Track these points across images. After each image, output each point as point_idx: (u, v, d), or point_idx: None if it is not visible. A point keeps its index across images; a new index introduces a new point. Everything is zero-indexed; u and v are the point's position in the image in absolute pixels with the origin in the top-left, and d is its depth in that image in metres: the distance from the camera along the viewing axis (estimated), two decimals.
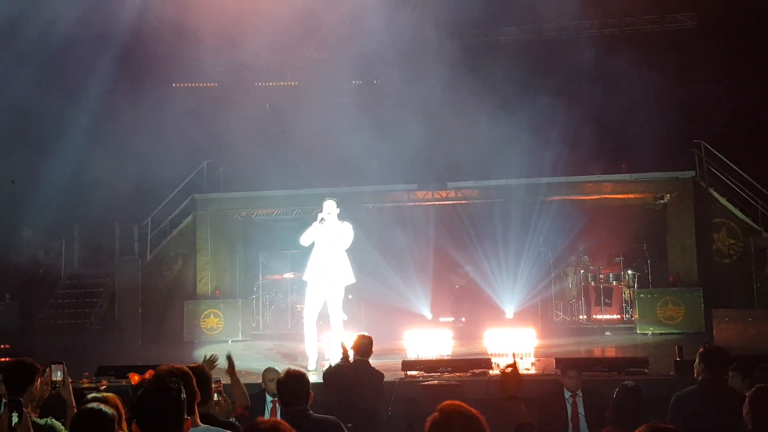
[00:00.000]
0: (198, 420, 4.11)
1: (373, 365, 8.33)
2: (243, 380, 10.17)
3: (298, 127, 17.90)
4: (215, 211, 18.48)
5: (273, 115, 19.57)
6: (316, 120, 16.85)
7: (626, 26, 19.61)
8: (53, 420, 4.70)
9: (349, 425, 6.14)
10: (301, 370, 5.54)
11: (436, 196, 18.24)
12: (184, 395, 3.44)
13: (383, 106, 17.12)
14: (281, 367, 6.20)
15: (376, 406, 8.05)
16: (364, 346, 8.30)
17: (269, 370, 8.17)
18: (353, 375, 8.05)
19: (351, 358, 8.20)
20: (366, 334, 8.52)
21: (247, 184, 18.33)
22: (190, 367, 4.29)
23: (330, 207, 11.06)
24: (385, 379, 8.32)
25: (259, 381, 8.40)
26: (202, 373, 4.58)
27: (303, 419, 5.08)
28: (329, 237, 11.02)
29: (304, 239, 11.03)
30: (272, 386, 7.88)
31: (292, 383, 5.36)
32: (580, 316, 17.84)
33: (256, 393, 8.31)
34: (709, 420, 5.64)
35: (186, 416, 3.43)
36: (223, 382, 6.57)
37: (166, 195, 18.42)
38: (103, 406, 3.80)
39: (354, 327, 12.36)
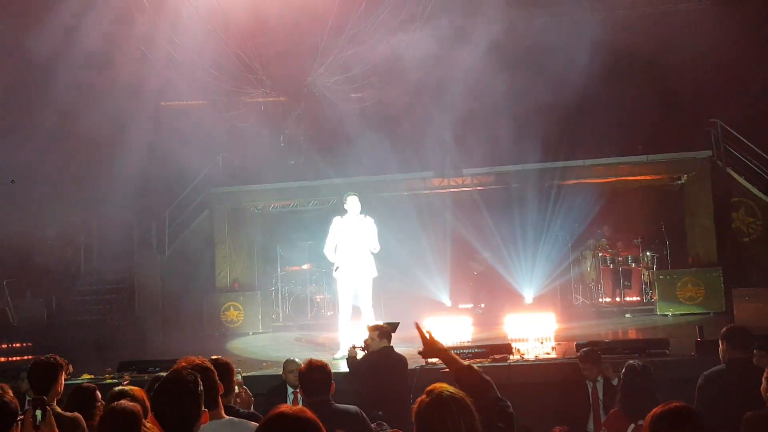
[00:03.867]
0: (222, 412, 4.15)
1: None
2: (264, 372, 10.31)
3: (313, 118, 17.88)
4: (232, 204, 18.55)
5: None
6: (332, 110, 16.81)
7: (640, 6, 19.39)
8: (78, 415, 4.76)
9: (380, 413, 6.18)
10: (324, 360, 5.56)
11: (452, 183, 18.21)
12: (201, 387, 3.46)
13: (398, 94, 17.07)
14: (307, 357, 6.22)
15: (404, 391, 8.09)
16: (387, 333, 8.36)
17: (289, 362, 8.22)
18: (381, 362, 8.10)
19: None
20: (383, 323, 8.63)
21: (263, 176, 18.37)
22: (212, 360, 4.32)
23: (354, 203, 11.25)
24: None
25: (280, 372, 8.46)
26: (225, 365, 4.61)
27: (325, 409, 5.10)
28: (354, 233, 11.15)
29: (328, 250, 11.28)
30: (292, 377, 7.94)
31: (315, 373, 5.38)
32: (600, 299, 17.78)
33: (277, 385, 8.38)
34: (738, 399, 5.62)
35: (203, 408, 3.45)
36: (243, 373, 6.62)
37: (182, 189, 18.50)
38: (128, 404, 3.84)
39: (375, 316, 12.39)
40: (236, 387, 6.22)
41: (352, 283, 11.35)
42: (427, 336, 3.98)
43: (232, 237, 18.39)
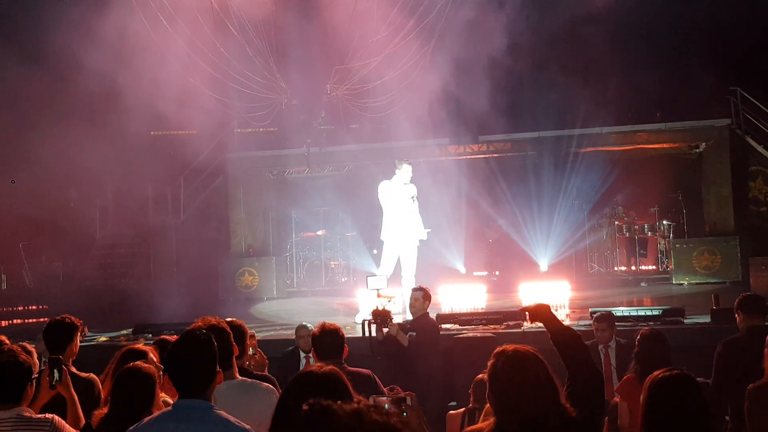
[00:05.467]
0: (236, 373, 4.17)
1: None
2: (278, 336, 10.36)
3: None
4: (247, 169, 18.55)
5: None
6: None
7: None
8: (93, 376, 4.80)
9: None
10: (336, 324, 5.55)
11: (468, 150, 18.12)
12: (215, 347, 3.44)
13: (414, 61, 16.94)
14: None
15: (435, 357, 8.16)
16: (429, 296, 8.51)
17: (301, 327, 8.25)
18: (427, 326, 8.19)
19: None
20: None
21: (278, 142, 18.34)
22: (227, 322, 4.33)
23: (408, 172, 11.55)
24: None
25: (293, 337, 8.50)
26: (239, 328, 4.62)
27: None
28: (404, 198, 11.34)
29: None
30: (303, 342, 7.97)
31: (328, 337, 5.38)
32: (615, 268, 17.73)
33: (290, 350, 8.42)
34: (757, 366, 5.59)
35: (218, 369, 3.43)
36: (257, 336, 6.63)
37: (198, 154, 18.49)
38: (144, 365, 3.86)
39: (391, 283, 12.45)
40: (251, 349, 6.25)
41: (398, 248, 11.38)
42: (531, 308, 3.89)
43: (247, 202, 18.42)
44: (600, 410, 3.41)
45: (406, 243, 11.48)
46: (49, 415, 4.08)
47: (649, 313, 9.65)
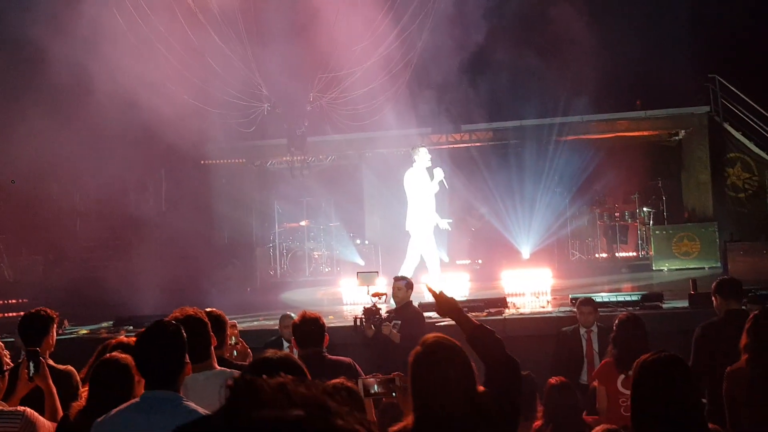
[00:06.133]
0: (215, 363, 4.17)
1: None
2: (261, 326, 10.38)
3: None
4: (229, 159, 18.49)
5: None
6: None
7: None
8: (71, 368, 4.80)
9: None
10: (316, 313, 5.57)
11: (450, 139, 18.16)
12: (183, 338, 3.41)
13: (396, 50, 16.93)
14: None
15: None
16: (412, 285, 8.56)
17: (285, 317, 8.27)
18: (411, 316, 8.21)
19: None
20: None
21: (260, 132, 18.29)
22: (205, 312, 4.33)
23: (426, 155, 11.64)
24: None
25: (276, 327, 8.52)
26: (218, 318, 4.62)
27: (318, 361, 5.13)
28: (427, 185, 11.43)
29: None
30: (287, 332, 7.99)
31: (308, 325, 5.40)
32: (596, 255, 17.84)
33: (274, 339, 8.44)
34: (734, 349, 5.67)
35: (186, 360, 3.40)
36: (238, 326, 6.64)
37: (179, 145, 18.36)
38: (121, 356, 3.85)
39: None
40: (233, 339, 6.27)
41: (424, 237, 11.43)
42: (438, 294, 3.80)
43: (230, 194, 18.37)
44: (518, 405, 3.41)
45: (430, 232, 11.50)
46: (20, 408, 4.05)
47: (628, 298, 9.75)
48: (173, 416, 3.13)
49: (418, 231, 11.49)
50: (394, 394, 3.99)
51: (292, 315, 8.00)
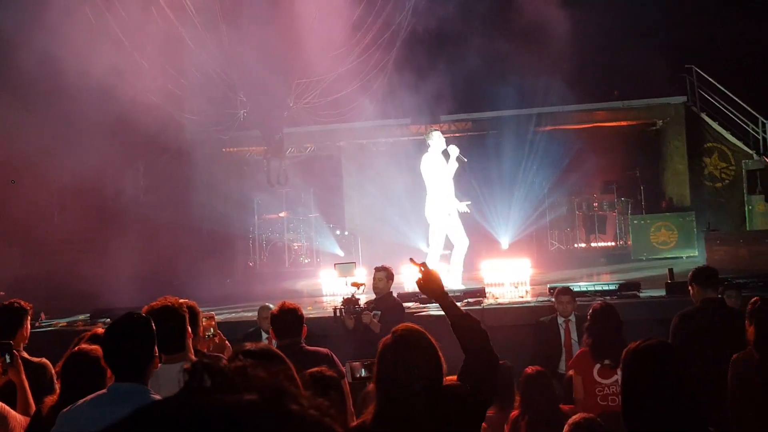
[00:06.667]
0: (191, 356, 4.15)
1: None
2: (240, 317, 10.35)
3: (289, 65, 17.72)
4: (208, 150, 18.35)
5: None
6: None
7: None
8: (45, 361, 4.76)
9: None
10: (295, 304, 5.57)
11: (429, 129, 18.12)
12: (152, 330, 3.36)
13: (375, 40, 16.89)
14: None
15: None
16: (392, 275, 8.57)
17: (264, 308, 8.25)
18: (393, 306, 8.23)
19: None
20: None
21: (239, 122, 18.18)
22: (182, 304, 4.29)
23: (440, 138, 11.55)
24: None
25: (255, 318, 8.50)
26: (191, 309, 4.59)
27: (296, 351, 5.13)
28: (444, 169, 11.27)
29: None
30: (266, 323, 7.97)
31: (286, 315, 5.40)
32: (575, 245, 17.92)
33: (252, 330, 8.42)
34: (713, 338, 5.71)
35: (155, 352, 3.36)
36: (216, 318, 6.60)
37: (157, 135, 18.22)
38: (92, 348, 3.81)
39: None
40: (211, 331, 6.23)
41: (445, 223, 11.35)
42: (424, 270, 3.66)
43: (208, 184, 18.26)
44: (487, 402, 3.39)
45: (452, 217, 11.39)
46: None
47: (606, 287, 9.80)
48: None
49: (439, 218, 11.35)
50: None
51: (271, 306, 7.98)
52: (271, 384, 1.00)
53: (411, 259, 3.92)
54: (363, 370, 4.07)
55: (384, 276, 8.38)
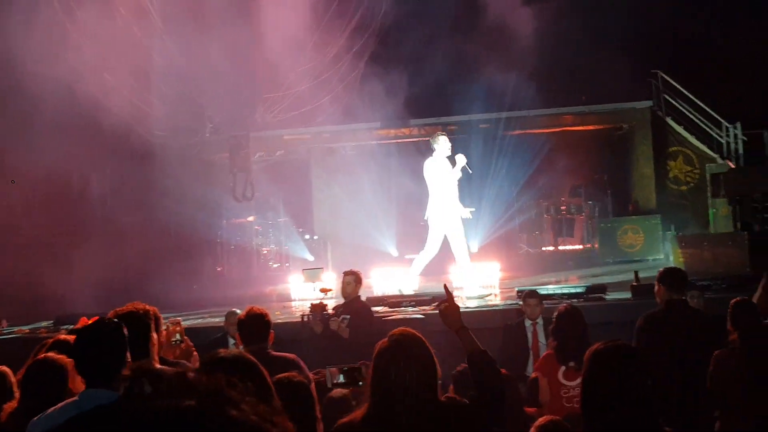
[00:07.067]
0: (155, 362, 4.11)
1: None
2: (207, 323, 10.27)
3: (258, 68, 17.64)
4: (175, 153, 18.17)
5: None
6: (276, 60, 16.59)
7: None
8: (4, 368, 4.69)
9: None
10: (263, 309, 5.55)
11: (399, 133, 18.19)
12: (124, 336, 3.33)
13: (343, 43, 16.89)
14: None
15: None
16: (361, 279, 8.59)
17: (232, 313, 8.21)
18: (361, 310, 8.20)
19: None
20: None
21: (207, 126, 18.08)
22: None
23: (446, 143, 11.49)
24: None
25: (222, 324, 8.45)
26: (154, 315, 4.55)
27: (262, 357, 5.07)
28: (448, 175, 11.31)
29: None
30: (233, 329, 7.93)
31: (253, 321, 5.38)
32: (543, 248, 18.02)
33: (219, 336, 8.37)
34: (677, 339, 5.78)
35: (128, 359, 3.32)
36: (183, 324, 6.54)
37: (122, 137, 18.03)
38: (56, 356, 3.76)
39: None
40: (177, 336, 6.17)
41: (445, 227, 11.35)
42: (451, 300, 3.85)
43: (176, 188, 18.08)
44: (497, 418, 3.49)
45: (454, 222, 11.37)
46: None
47: (573, 290, 9.87)
48: None
49: (440, 221, 11.37)
50: (360, 383, 4.05)
51: (238, 311, 7.94)
52: (211, 389, 0.99)
53: (445, 286, 4.05)
54: (341, 375, 4.08)
55: (352, 280, 8.37)
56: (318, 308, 8.04)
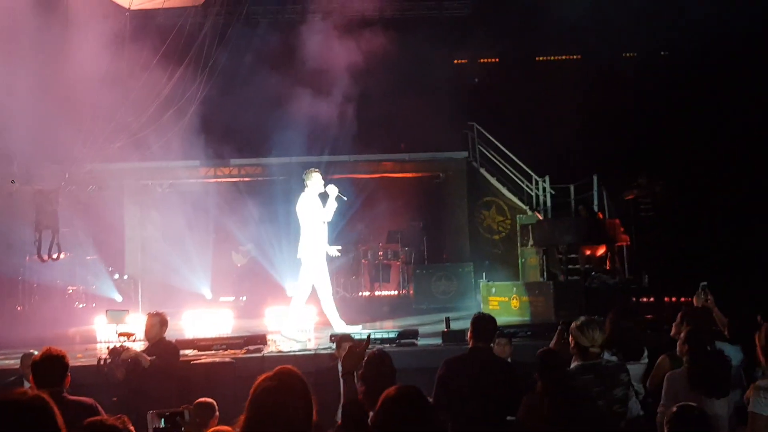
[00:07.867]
0: None
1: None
2: (1, 366, 9.55)
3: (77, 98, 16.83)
4: None
5: None
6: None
7: (405, 10, 20.03)
8: None
9: None
10: (61, 351, 5.22)
11: (219, 173, 17.91)
12: None
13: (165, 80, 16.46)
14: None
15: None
16: (166, 321, 8.24)
17: (27, 356, 7.68)
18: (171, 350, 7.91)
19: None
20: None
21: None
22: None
23: (319, 180, 11.36)
24: None
25: (17, 366, 7.89)
26: None
27: (58, 401, 4.75)
28: (319, 211, 11.18)
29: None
30: (29, 372, 7.40)
31: (48, 362, 5.09)
32: (360, 293, 18.16)
33: (13, 379, 7.81)
34: (477, 383, 5.89)
35: None
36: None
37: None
38: None
39: (130, 308, 11.96)
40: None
41: (316, 266, 11.14)
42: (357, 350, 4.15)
43: None
44: None
45: (321, 261, 11.26)
46: None
47: (385, 335, 9.95)
48: None
49: (311, 259, 11.19)
50: (182, 428, 4.01)
51: (35, 353, 7.43)
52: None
53: (368, 336, 4.86)
54: (164, 420, 3.94)
55: (157, 322, 8.08)
56: (117, 353, 7.63)
